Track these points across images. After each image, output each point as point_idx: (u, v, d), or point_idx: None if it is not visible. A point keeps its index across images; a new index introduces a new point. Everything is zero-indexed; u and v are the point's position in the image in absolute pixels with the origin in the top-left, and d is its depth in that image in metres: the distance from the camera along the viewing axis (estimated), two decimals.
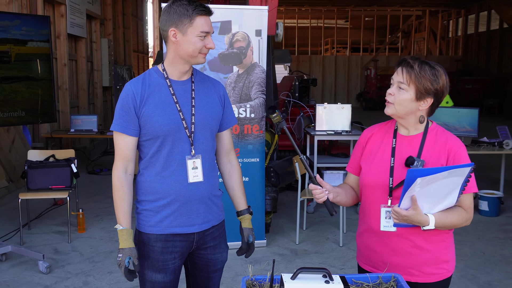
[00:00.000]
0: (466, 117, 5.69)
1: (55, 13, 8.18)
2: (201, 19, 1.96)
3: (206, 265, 2.18)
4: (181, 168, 2.02)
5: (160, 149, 2.01)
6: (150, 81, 2.03)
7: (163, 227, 2.05)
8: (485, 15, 21.09)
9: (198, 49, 1.98)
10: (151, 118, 1.98)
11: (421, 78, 1.87)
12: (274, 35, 4.92)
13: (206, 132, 2.07)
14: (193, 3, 1.96)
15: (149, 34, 16.49)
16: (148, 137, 2.01)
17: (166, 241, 2.05)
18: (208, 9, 1.98)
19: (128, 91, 2.00)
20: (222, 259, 2.22)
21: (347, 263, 4.25)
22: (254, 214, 2.07)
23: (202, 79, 2.14)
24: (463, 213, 1.89)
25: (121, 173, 2.04)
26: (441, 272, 1.96)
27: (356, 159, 2.11)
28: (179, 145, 2.01)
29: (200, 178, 2.04)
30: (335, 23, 24.56)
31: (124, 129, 2.00)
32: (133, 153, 2.05)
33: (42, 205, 5.79)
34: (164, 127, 1.98)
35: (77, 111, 9.20)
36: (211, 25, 2.00)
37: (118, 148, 2.04)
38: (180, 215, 2.04)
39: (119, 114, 2.01)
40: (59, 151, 5.04)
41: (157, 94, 2.01)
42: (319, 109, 5.49)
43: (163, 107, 2.00)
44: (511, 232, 5.09)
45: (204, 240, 2.12)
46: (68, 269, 4.11)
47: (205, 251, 2.15)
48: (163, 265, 2.07)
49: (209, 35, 1.99)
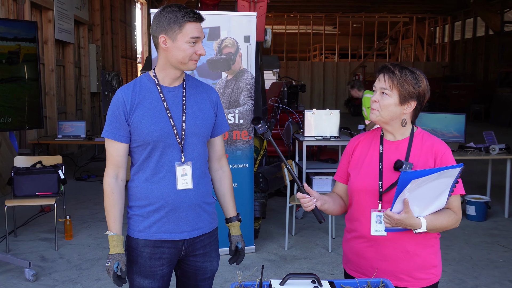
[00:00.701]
0: (453, 123, 5.75)
1: (42, 18, 8.13)
2: (191, 25, 1.95)
3: (195, 273, 2.16)
4: (171, 175, 2.01)
5: (150, 155, 2.01)
6: (141, 88, 2.03)
7: (151, 232, 2.04)
8: (471, 22, 21.37)
9: (188, 55, 1.97)
10: (141, 125, 1.98)
11: (403, 83, 1.89)
12: (262, 41, 4.93)
13: (197, 139, 2.06)
14: (184, 9, 1.95)
15: (137, 40, 16.45)
16: (139, 144, 2.01)
17: (154, 247, 2.04)
18: (198, 15, 1.97)
19: (119, 97, 2.01)
20: (211, 268, 2.19)
21: (336, 269, 4.25)
22: (243, 220, 2.06)
23: (195, 85, 2.13)
24: (452, 215, 1.91)
25: (112, 179, 2.04)
26: (430, 277, 1.97)
27: (343, 168, 2.12)
28: (169, 152, 2.01)
29: (190, 185, 2.03)
30: (324, 29, 24.72)
31: (114, 136, 2.01)
32: (124, 160, 2.05)
33: (28, 212, 5.72)
34: (154, 133, 1.98)
35: (64, 117, 9.13)
36: (202, 31, 1.99)
37: (109, 154, 2.04)
38: (168, 221, 2.03)
39: (110, 121, 2.01)
40: (46, 158, 4.99)
41: (147, 101, 2.00)
42: (308, 115, 5.51)
43: (153, 114, 1.99)
44: (498, 236, 5.13)
45: (193, 247, 2.11)
46: (55, 277, 4.06)
47: (194, 259, 2.13)
48: (151, 271, 2.06)
49: (199, 41, 1.98)
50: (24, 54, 5.29)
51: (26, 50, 5.33)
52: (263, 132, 2.00)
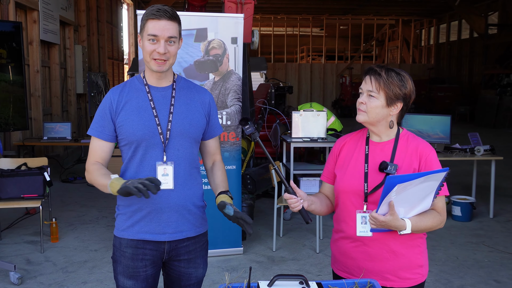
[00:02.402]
0: (439, 124, 5.80)
1: (27, 19, 8.04)
2: (151, 22, 1.94)
3: (178, 278, 2.14)
4: (152, 174, 2.00)
5: (135, 154, 2.02)
6: (131, 88, 2.06)
7: (134, 232, 2.04)
8: (456, 25, 21.60)
9: (148, 53, 1.96)
10: (126, 123, 2.00)
11: (390, 84, 1.91)
12: (250, 42, 4.93)
13: (183, 140, 2.05)
14: (153, 8, 1.95)
15: (124, 41, 16.35)
16: (125, 142, 2.03)
17: (137, 247, 2.04)
18: (161, 13, 1.92)
19: (107, 97, 2.05)
20: (196, 275, 2.15)
21: (324, 270, 4.27)
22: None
23: (187, 86, 2.12)
24: (437, 216, 1.93)
25: (92, 164, 2.02)
26: (416, 277, 1.99)
27: (330, 168, 2.13)
28: (152, 151, 2.01)
29: (170, 185, 2.02)
30: (311, 31, 24.81)
31: (99, 134, 2.04)
32: (107, 156, 2.06)
33: (13, 214, 5.65)
34: (138, 132, 1.99)
35: (50, 119, 9.04)
36: (165, 29, 1.93)
37: (92, 150, 2.06)
38: (150, 221, 2.02)
39: (96, 119, 2.06)
40: (32, 159, 4.94)
41: (135, 100, 2.03)
42: (295, 116, 5.52)
43: (139, 113, 2.01)
44: (484, 236, 5.19)
45: (177, 252, 2.08)
46: (40, 280, 4.02)
47: (178, 264, 2.11)
48: (134, 272, 2.05)
49: (159, 40, 1.94)
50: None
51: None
52: (250, 133, 2.00)
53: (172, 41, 1.96)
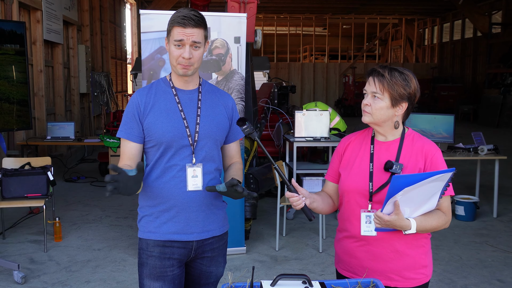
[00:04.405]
0: (442, 124, 5.79)
1: (30, 19, 8.06)
2: (177, 29, 1.97)
3: (199, 276, 2.17)
4: (181, 175, 2.03)
5: (163, 155, 2.04)
6: (157, 90, 2.08)
7: (161, 233, 2.05)
8: (459, 24, 21.54)
9: (174, 58, 2.00)
10: (155, 125, 2.02)
11: (394, 85, 1.90)
12: (252, 42, 4.93)
13: (210, 142, 2.08)
14: (180, 15, 1.97)
15: (127, 40, 16.36)
16: (152, 144, 2.05)
17: (164, 246, 2.06)
18: (186, 21, 1.96)
19: (134, 99, 2.07)
20: (216, 273, 2.20)
21: (327, 269, 4.26)
22: (234, 221, 2.04)
23: (212, 90, 2.16)
24: (442, 216, 1.92)
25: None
26: (420, 277, 1.98)
27: (334, 167, 2.13)
28: (181, 153, 2.03)
29: (200, 186, 2.05)
30: (313, 30, 24.77)
31: (128, 136, 2.05)
32: (137, 158, 2.07)
33: (17, 213, 5.67)
34: (167, 133, 2.01)
35: (53, 118, 9.06)
36: (190, 34, 1.97)
37: (122, 152, 2.08)
38: (178, 221, 2.05)
39: (124, 121, 2.07)
40: (35, 159, 4.95)
41: (162, 102, 2.05)
42: (298, 116, 5.52)
43: (167, 115, 2.03)
44: (487, 236, 5.18)
45: (202, 249, 2.11)
46: (44, 279, 4.03)
47: (201, 261, 2.14)
48: (161, 272, 2.06)
49: (185, 45, 1.98)
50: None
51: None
52: (249, 133, 2.00)
53: (197, 46, 2.00)
